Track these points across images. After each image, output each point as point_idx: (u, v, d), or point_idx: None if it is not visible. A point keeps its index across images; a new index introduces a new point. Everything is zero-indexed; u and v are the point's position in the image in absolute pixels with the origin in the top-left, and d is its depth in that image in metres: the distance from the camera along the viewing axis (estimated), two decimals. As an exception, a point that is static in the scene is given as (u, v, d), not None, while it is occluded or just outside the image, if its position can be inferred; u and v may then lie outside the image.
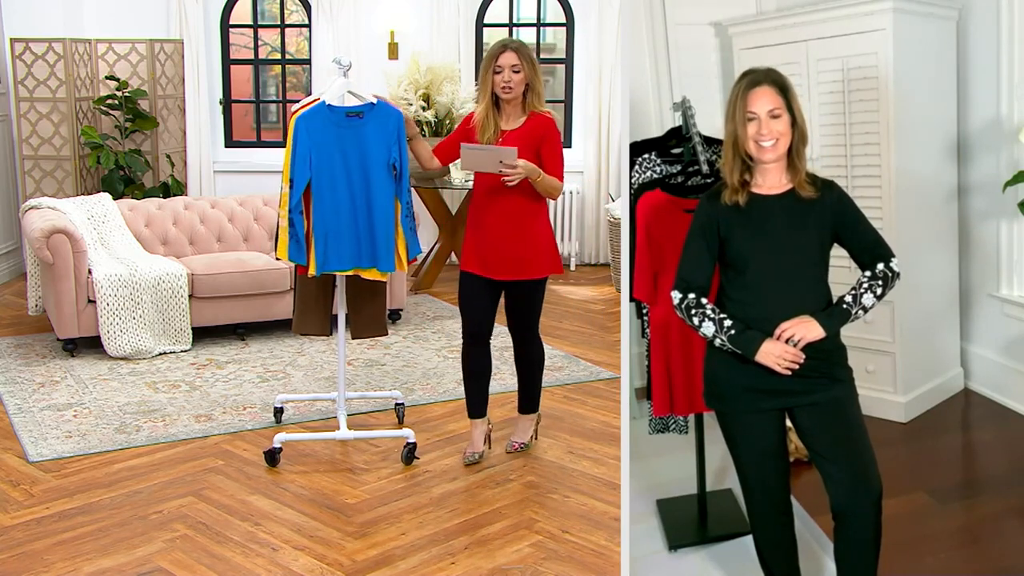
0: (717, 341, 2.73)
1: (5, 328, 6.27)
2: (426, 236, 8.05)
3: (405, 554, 3.51)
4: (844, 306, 2.70)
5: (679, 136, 3.30)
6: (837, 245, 2.79)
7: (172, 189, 7.66)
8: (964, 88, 3.42)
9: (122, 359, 5.64)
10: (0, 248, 7.47)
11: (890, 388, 3.50)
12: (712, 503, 3.46)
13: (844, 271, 2.91)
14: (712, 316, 2.73)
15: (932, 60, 3.42)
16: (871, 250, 2.74)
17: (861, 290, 2.71)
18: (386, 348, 5.92)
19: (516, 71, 3.99)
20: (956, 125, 3.45)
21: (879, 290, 2.71)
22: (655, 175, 3.29)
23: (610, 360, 5.72)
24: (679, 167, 3.28)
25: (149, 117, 7.60)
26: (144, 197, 7.14)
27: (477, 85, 4.34)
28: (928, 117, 3.45)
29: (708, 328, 2.73)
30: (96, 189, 7.48)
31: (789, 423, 2.86)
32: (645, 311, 3.35)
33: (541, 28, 8.66)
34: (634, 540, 3.06)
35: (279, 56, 8.69)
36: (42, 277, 5.91)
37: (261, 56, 8.69)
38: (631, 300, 3.20)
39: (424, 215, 7.77)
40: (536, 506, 3.89)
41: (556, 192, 4.05)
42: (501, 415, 4.75)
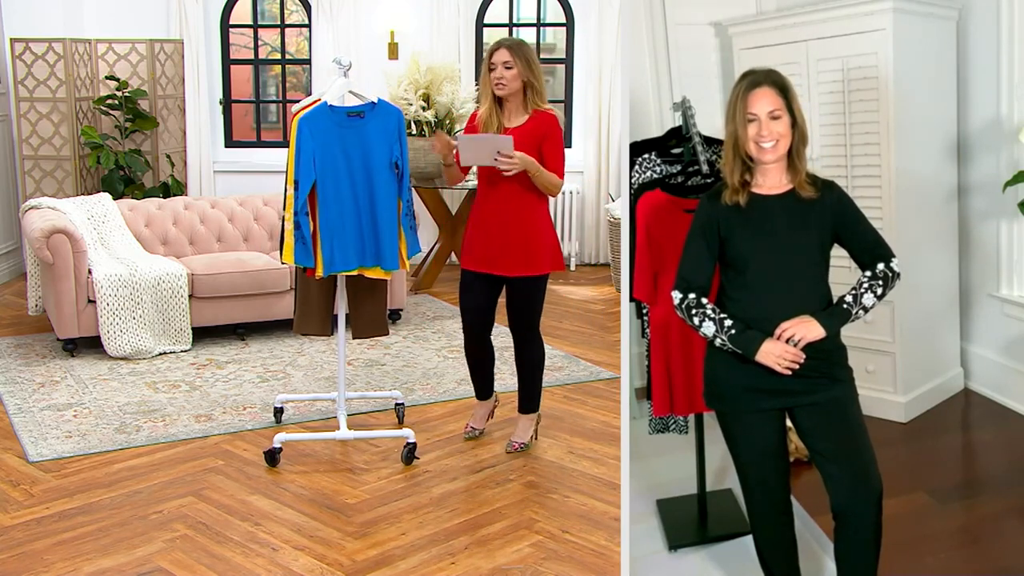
0: (717, 341, 2.73)
1: (5, 328, 6.27)
2: (426, 236, 8.05)
3: (405, 554, 3.51)
4: (844, 306, 2.71)
5: (679, 136, 3.30)
6: (837, 245, 2.79)
7: (172, 189, 7.66)
8: (964, 88, 3.42)
9: (122, 359, 5.64)
10: (0, 248, 7.47)
11: (890, 388, 3.50)
12: (712, 503, 3.46)
13: (844, 271, 2.91)
14: (712, 316, 2.73)
15: (932, 60, 3.42)
16: (871, 250, 2.74)
17: (861, 290, 2.71)
18: (386, 348, 5.92)
19: (508, 67, 4.03)
20: (956, 125, 3.44)
21: (879, 290, 2.71)
22: (655, 175, 3.29)
23: (610, 360, 5.72)
24: (679, 167, 3.28)
25: (149, 117, 7.59)
26: (144, 197, 7.15)
27: (477, 86, 4.35)
28: (928, 117, 3.44)
29: (708, 328, 2.73)
30: (96, 189, 7.48)
31: (789, 423, 2.86)
32: (645, 311, 3.35)
33: (541, 28, 8.66)
34: (634, 540, 3.06)
35: (279, 56, 8.69)
36: (42, 277, 5.91)
37: (261, 56, 8.69)
38: (631, 300, 3.20)
39: (424, 215, 7.77)
40: (536, 506, 3.89)
41: (556, 189, 4.08)
42: (501, 415, 4.75)
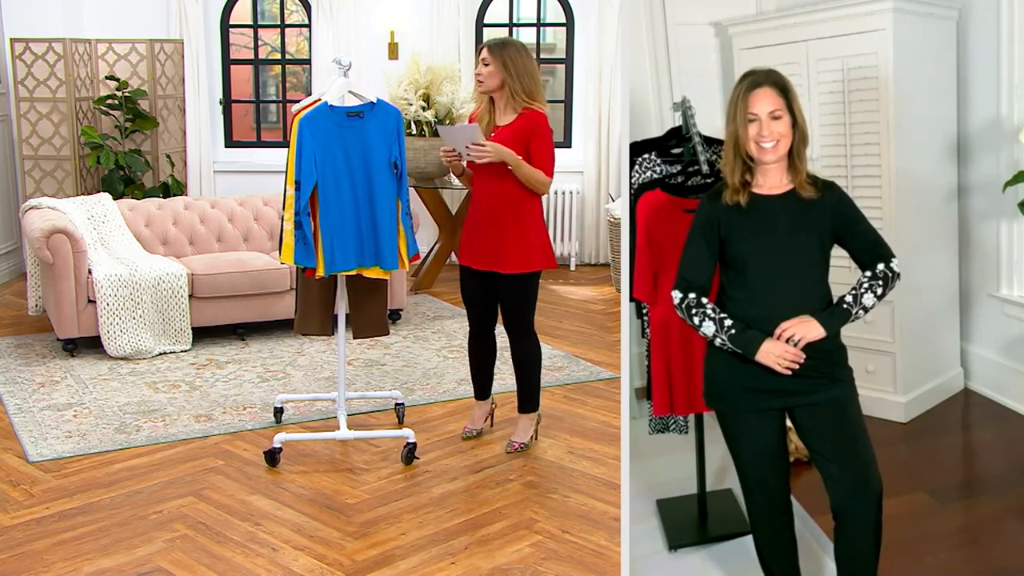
0: (717, 341, 2.73)
1: (5, 328, 6.27)
2: (426, 236, 8.05)
3: (405, 554, 3.51)
4: (844, 306, 2.70)
5: (679, 136, 3.30)
6: (837, 245, 2.79)
7: (172, 189, 7.66)
8: (964, 88, 3.42)
9: (122, 359, 5.63)
10: (0, 248, 7.47)
11: (890, 388, 3.50)
12: (712, 503, 3.46)
13: (844, 271, 2.91)
14: (713, 316, 2.73)
15: (932, 60, 3.42)
16: (871, 250, 2.74)
17: (862, 290, 2.71)
18: (386, 348, 5.92)
19: (485, 64, 4.12)
20: (956, 125, 3.44)
21: (879, 290, 2.71)
22: (655, 175, 3.29)
23: (610, 360, 5.72)
24: (679, 167, 3.28)
25: (149, 117, 7.59)
26: (144, 197, 7.14)
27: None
28: (928, 117, 3.44)
29: (708, 328, 2.73)
30: (96, 189, 7.48)
31: (789, 423, 2.86)
32: (645, 311, 3.35)
33: (541, 28, 8.66)
34: (634, 540, 3.06)
35: (279, 56, 8.69)
36: (42, 277, 5.91)
37: (261, 56, 8.69)
38: (631, 300, 3.20)
39: (424, 215, 7.77)
40: (536, 506, 3.89)
41: (541, 186, 4.10)
42: (501, 415, 4.75)
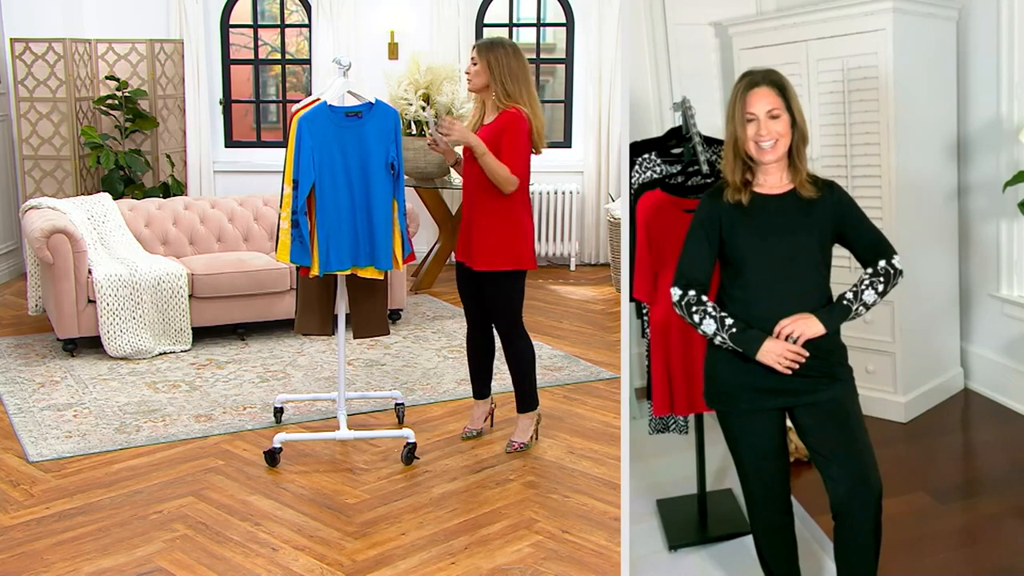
0: (718, 339, 2.72)
1: (5, 328, 6.27)
2: (426, 236, 8.05)
3: (405, 554, 3.51)
4: (845, 302, 2.70)
5: (679, 136, 3.30)
6: (839, 244, 2.79)
7: (172, 189, 7.66)
8: (964, 88, 3.42)
9: (122, 359, 5.64)
10: (0, 248, 7.47)
11: (890, 388, 3.50)
12: (712, 503, 3.46)
13: (845, 271, 2.91)
14: (713, 314, 2.72)
15: (932, 60, 3.42)
16: (873, 247, 2.74)
17: (863, 287, 2.70)
18: (386, 348, 5.92)
19: (473, 63, 4.21)
20: (956, 125, 3.44)
21: (881, 287, 2.70)
22: (655, 175, 3.29)
23: (610, 360, 5.71)
24: (679, 167, 3.28)
25: (149, 117, 7.59)
26: (144, 197, 7.15)
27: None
28: (928, 117, 3.44)
29: (709, 326, 2.72)
30: (96, 189, 7.48)
31: (789, 423, 2.86)
32: (645, 311, 3.35)
33: (541, 28, 8.66)
34: (634, 540, 3.06)
35: (279, 56, 8.68)
36: (42, 277, 5.91)
37: (261, 56, 8.69)
38: (631, 300, 3.20)
39: (424, 215, 7.77)
40: (536, 506, 3.89)
41: (505, 182, 4.10)
42: (501, 415, 4.75)
